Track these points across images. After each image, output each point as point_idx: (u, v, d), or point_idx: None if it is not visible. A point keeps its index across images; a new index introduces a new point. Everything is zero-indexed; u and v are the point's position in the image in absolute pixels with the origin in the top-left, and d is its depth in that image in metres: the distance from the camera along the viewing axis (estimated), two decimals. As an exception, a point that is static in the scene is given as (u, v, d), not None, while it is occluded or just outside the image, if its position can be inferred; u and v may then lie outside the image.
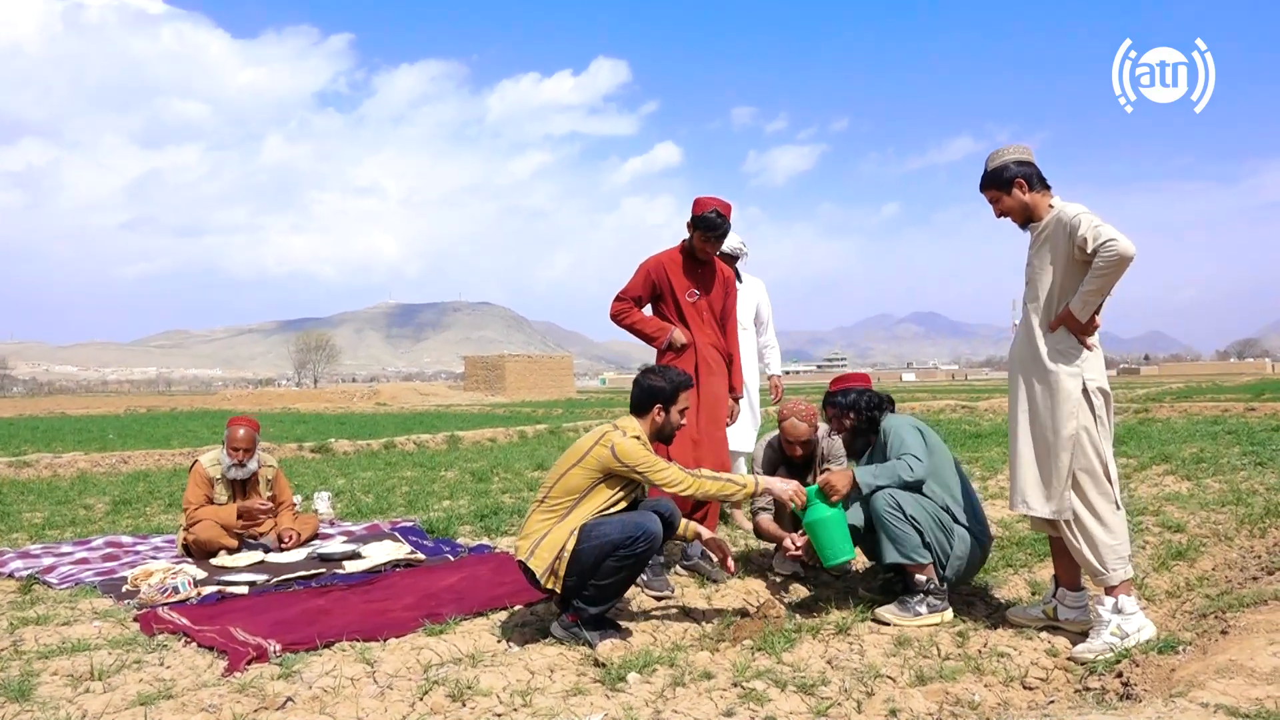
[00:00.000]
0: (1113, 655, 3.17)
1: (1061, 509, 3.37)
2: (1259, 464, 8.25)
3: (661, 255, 4.97)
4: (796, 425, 4.45)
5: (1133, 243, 3.18)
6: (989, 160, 3.59)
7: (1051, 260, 3.41)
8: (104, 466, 11.16)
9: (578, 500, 3.59)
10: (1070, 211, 3.35)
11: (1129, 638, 3.25)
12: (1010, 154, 3.51)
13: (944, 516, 3.91)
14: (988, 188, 3.57)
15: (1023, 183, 3.46)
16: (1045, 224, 3.45)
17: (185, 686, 3.15)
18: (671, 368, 3.93)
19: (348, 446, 13.22)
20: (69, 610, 4.22)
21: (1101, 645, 3.24)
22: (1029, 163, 3.49)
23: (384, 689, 3.10)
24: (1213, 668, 2.60)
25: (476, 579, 4.57)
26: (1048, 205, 3.48)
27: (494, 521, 6.32)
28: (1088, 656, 3.22)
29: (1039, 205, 3.48)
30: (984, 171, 3.58)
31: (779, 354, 6.54)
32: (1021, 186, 3.46)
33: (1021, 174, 3.46)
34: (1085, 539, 3.36)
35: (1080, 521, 3.36)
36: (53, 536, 6.34)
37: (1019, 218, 3.53)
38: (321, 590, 4.48)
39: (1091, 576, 3.42)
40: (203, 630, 3.75)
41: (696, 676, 3.16)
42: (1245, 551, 5.01)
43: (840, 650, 3.48)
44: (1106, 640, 3.25)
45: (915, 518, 3.83)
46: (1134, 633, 3.27)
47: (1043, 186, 3.48)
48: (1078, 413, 3.32)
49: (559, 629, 3.60)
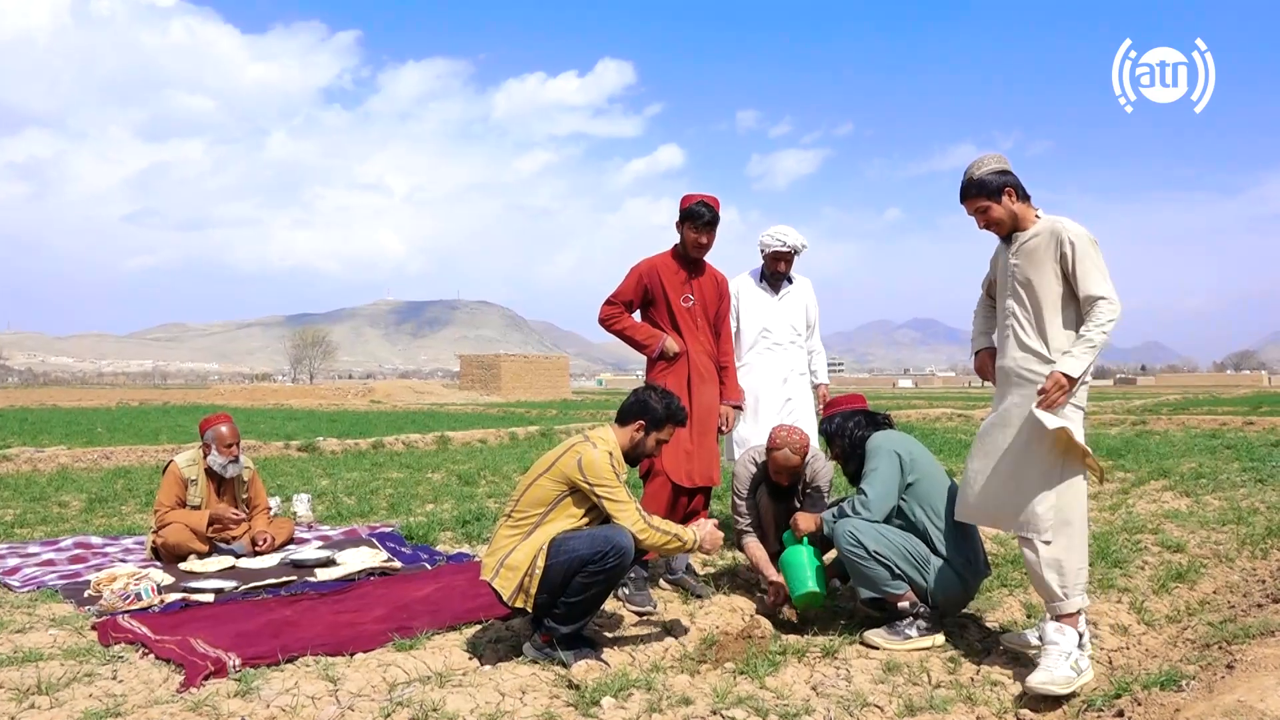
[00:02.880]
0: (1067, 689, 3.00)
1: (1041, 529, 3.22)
2: (1259, 480, 8.11)
3: (654, 259, 4.82)
4: (789, 458, 4.27)
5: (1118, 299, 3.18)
6: (971, 169, 3.43)
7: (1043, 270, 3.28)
8: (85, 462, 10.98)
9: (543, 515, 3.43)
10: (1071, 231, 3.23)
11: (1083, 674, 3.10)
12: (992, 163, 3.39)
13: (917, 548, 3.68)
14: (975, 197, 3.41)
15: (1012, 191, 3.34)
16: (1035, 233, 3.32)
17: (136, 703, 3.00)
18: (676, 398, 3.76)
19: (335, 446, 13.06)
20: (26, 616, 4.06)
21: (1064, 678, 3.03)
22: (1012, 171, 3.38)
23: (345, 709, 2.94)
24: (1220, 709, 2.44)
25: (452, 590, 4.41)
26: (1034, 215, 3.38)
27: (476, 528, 6.16)
28: (1051, 689, 2.99)
29: (1026, 215, 3.37)
30: (967, 181, 3.42)
31: (825, 360, 5.88)
32: (1010, 195, 3.34)
33: (1009, 182, 3.34)
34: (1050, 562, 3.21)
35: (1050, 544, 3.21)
36: (22, 535, 6.17)
37: (1004, 228, 3.41)
38: (290, 599, 4.32)
39: (1048, 601, 3.25)
40: (162, 641, 3.59)
41: (674, 702, 3.00)
42: (1247, 574, 4.86)
43: (826, 675, 3.32)
44: (1066, 673, 3.05)
45: (879, 553, 3.63)
46: (1084, 670, 3.12)
47: (1026, 198, 3.38)
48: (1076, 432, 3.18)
49: (531, 649, 3.43)
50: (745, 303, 5.47)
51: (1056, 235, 3.25)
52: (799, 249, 5.38)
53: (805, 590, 3.86)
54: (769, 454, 4.33)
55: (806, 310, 5.58)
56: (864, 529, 3.68)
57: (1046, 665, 3.07)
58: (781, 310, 5.45)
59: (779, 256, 5.36)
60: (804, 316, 5.55)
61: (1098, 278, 3.18)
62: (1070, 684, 3.02)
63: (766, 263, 5.42)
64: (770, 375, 5.37)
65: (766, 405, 5.31)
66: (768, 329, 5.42)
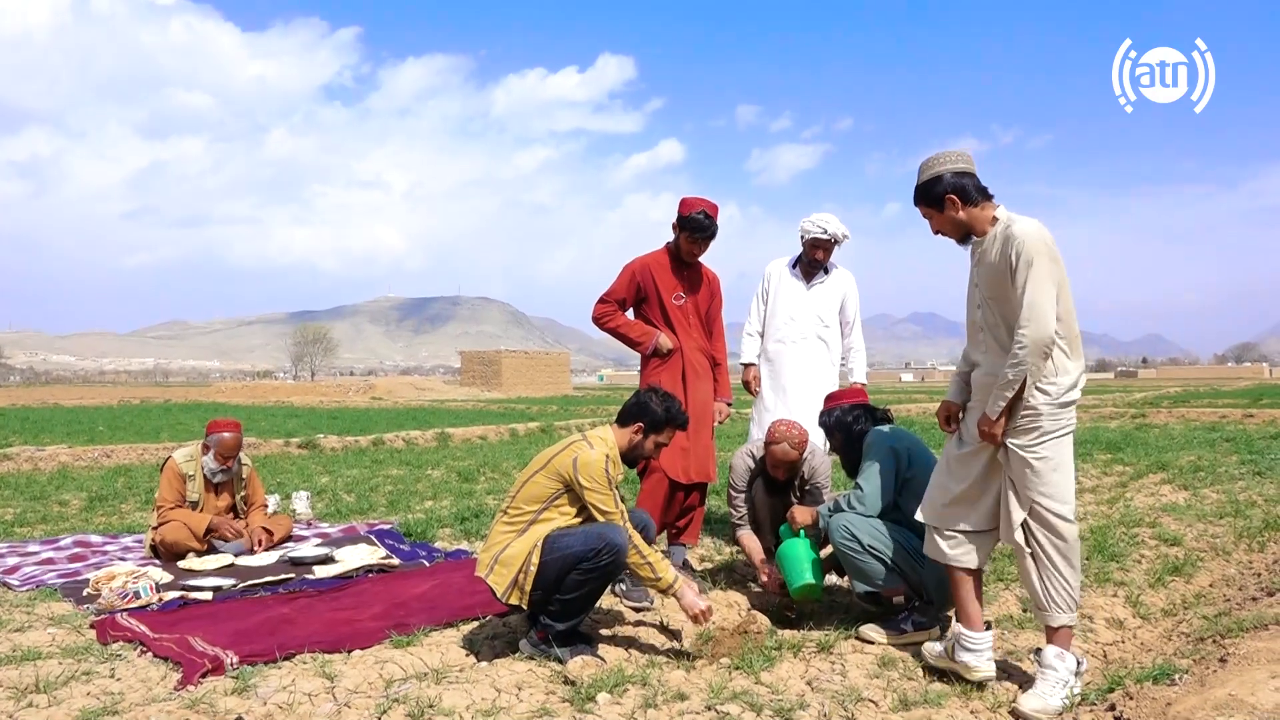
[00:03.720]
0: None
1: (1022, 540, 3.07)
2: (1257, 474, 8.12)
3: (647, 257, 4.82)
4: (788, 452, 4.26)
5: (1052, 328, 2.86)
6: (921, 170, 3.14)
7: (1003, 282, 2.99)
8: (86, 460, 10.99)
9: (538, 512, 3.43)
10: (1019, 240, 2.91)
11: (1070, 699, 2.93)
12: (944, 163, 3.08)
13: (913, 543, 3.65)
14: (918, 203, 3.15)
15: (955, 199, 3.04)
16: (990, 239, 3.02)
17: (133, 701, 3.01)
18: (677, 401, 3.74)
19: (335, 443, 13.07)
20: (25, 615, 4.07)
21: (1056, 707, 2.89)
22: (966, 172, 3.06)
23: (341, 706, 2.95)
24: (1211, 703, 2.45)
25: (449, 587, 4.42)
26: (990, 218, 3.05)
27: (474, 525, 6.17)
28: (1041, 718, 2.87)
29: (979, 221, 3.06)
30: (916, 183, 3.15)
31: (864, 358, 5.52)
32: (954, 203, 3.04)
33: (955, 188, 3.03)
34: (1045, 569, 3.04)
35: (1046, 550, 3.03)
36: (22, 534, 6.19)
37: (956, 235, 3.13)
38: (288, 597, 4.33)
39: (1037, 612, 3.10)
40: (160, 639, 3.60)
41: (669, 697, 3.01)
42: (1244, 567, 4.87)
43: (821, 670, 3.33)
44: (1059, 704, 2.90)
45: (874, 547, 3.64)
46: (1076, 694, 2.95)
47: (983, 198, 3.06)
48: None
49: (528, 646, 3.44)
50: (775, 288, 5.37)
51: (1005, 243, 2.95)
52: (839, 239, 5.19)
53: (802, 583, 3.87)
54: (767, 448, 4.33)
55: (844, 304, 5.38)
56: (860, 524, 3.68)
57: (1041, 691, 2.94)
58: (810, 300, 5.30)
59: (817, 244, 5.18)
60: (836, 309, 5.35)
61: (1028, 299, 2.85)
62: (1056, 712, 2.89)
63: (804, 250, 5.26)
64: (789, 364, 5.27)
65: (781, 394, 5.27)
66: (793, 317, 5.29)
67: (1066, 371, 2.98)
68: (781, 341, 5.30)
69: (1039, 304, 2.85)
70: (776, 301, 5.35)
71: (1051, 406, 2.96)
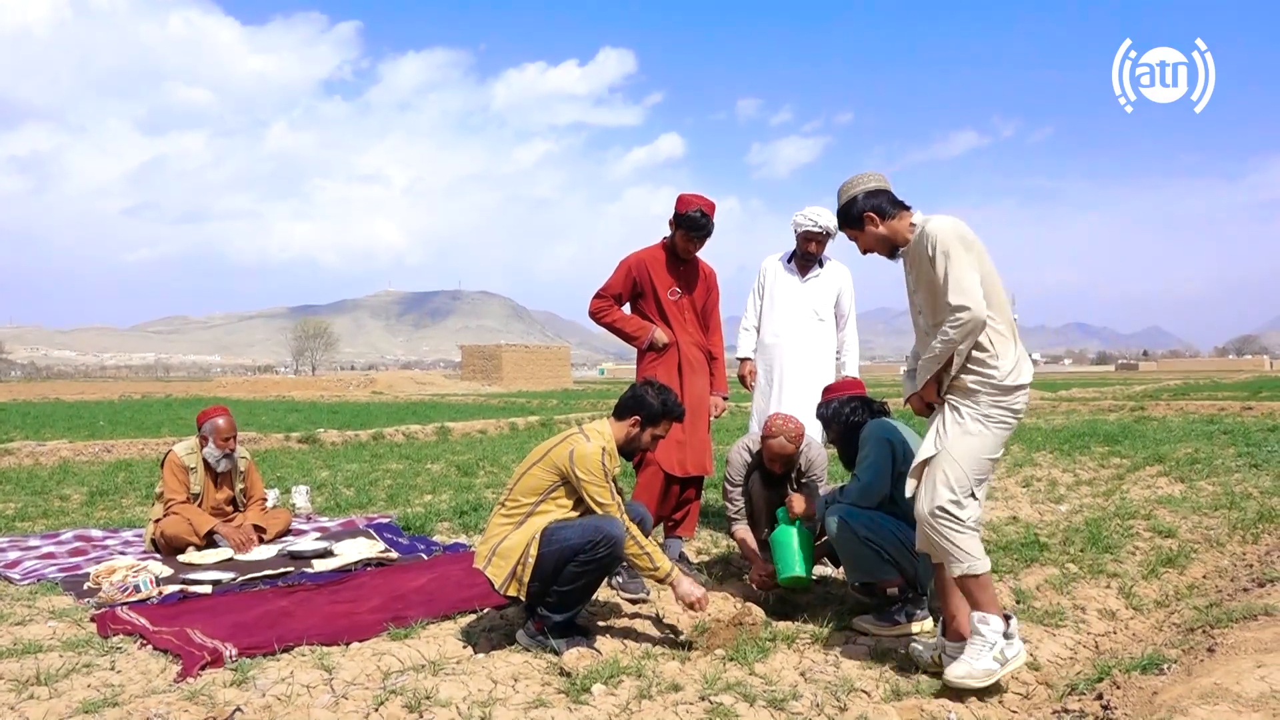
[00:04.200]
0: (987, 682, 2.91)
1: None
2: (1254, 465, 8.15)
3: (643, 252, 4.85)
4: (784, 446, 4.29)
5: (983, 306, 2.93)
6: (839, 195, 3.28)
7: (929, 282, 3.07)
8: (87, 455, 11.04)
9: (535, 504, 3.47)
10: (931, 236, 3.02)
11: (1007, 665, 2.96)
12: (858, 185, 3.23)
13: (908, 534, 3.61)
14: (842, 228, 3.30)
15: (873, 216, 3.17)
16: (912, 244, 3.14)
17: (134, 693, 3.04)
18: (673, 394, 3.77)
19: (336, 437, 13.10)
20: (26, 609, 4.11)
21: (982, 670, 2.92)
22: (878, 191, 3.20)
23: (339, 698, 2.98)
24: (1196, 692, 2.48)
25: (447, 580, 4.45)
26: (909, 226, 3.16)
27: (473, 518, 6.20)
28: (968, 683, 2.91)
29: (899, 231, 3.17)
30: (837, 209, 3.30)
31: (856, 353, 5.52)
32: (873, 220, 3.17)
33: (870, 207, 3.17)
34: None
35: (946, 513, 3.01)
36: (23, 529, 6.22)
37: (883, 250, 3.23)
38: (287, 590, 4.36)
39: (948, 565, 3.06)
40: (160, 632, 3.64)
41: (664, 688, 3.05)
42: (1237, 559, 4.90)
43: (815, 661, 3.36)
44: (988, 665, 2.92)
45: (870, 538, 3.66)
46: (1012, 659, 2.97)
47: (899, 209, 3.18)
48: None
49: (525, 637, 3.48)
50: (770, 283, 5.39)
51: (921, 241, 3.07)
52: (831, 231, 5.17)
53: (791, 574, 3.92)
54: (764, 441, 4.36)
55: (839, 298, 5.40)
56: (855, 515, 3.71)
57: (966, 657, 2.96)
58: (805, 293, 5.31)
59: (809, 237, 5.20)
60: (831, 303, 5.37)
61: (953, 285, 2.95)
62: (991, 676, 2.92)
63: (798, 244, 5.28)
64: (786, 358, 5.28)
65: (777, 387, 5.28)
66: (788, 311, 5.30)
67: (1006, 355, 3.02)
68: (777, 335, 5.32)
69: (961, 281, 2.95)
70: (772, 296, 5.37)
71: (993, 390, 3.01)
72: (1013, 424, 3.08)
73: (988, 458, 3.06)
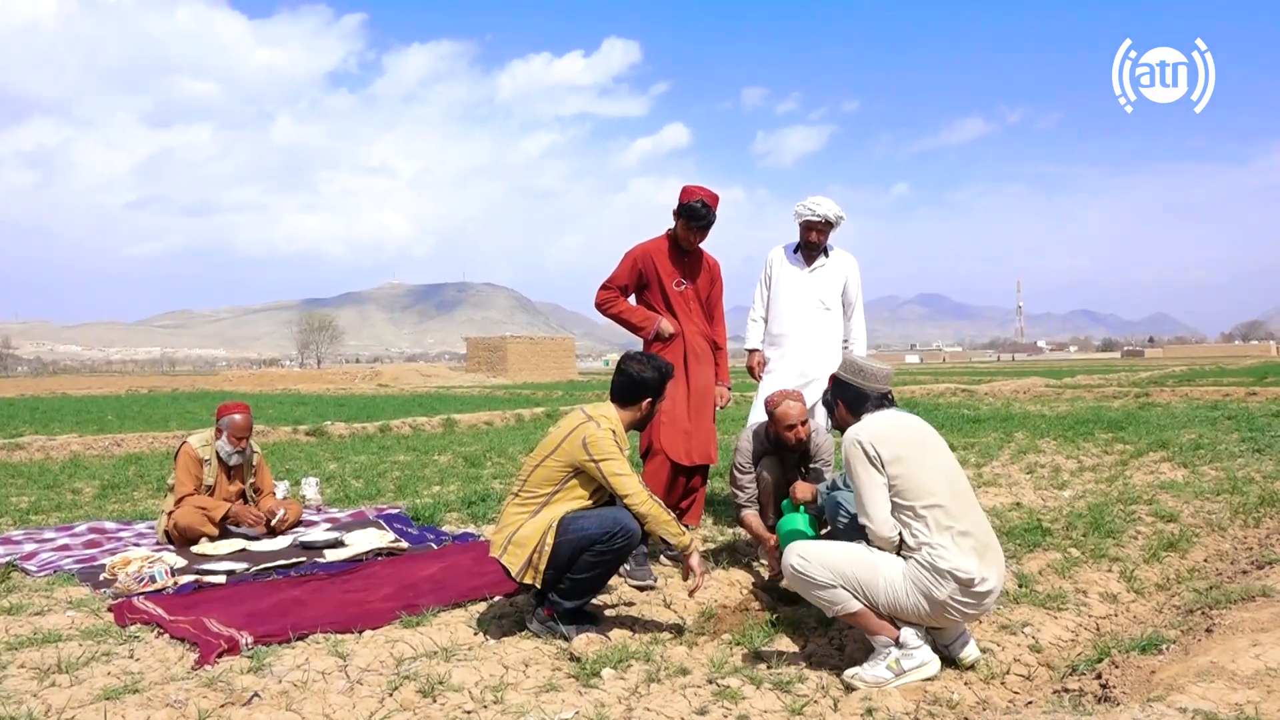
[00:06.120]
0: (876, 688, 2.94)
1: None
2: (1257, 450, 8.18)
3: (648, 244, 4.89)
4: (791, 405, 4.30)
5: (886, 526, 3.09)
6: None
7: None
8: (97, 449, 11.12)
9: (551, 495, 3.53)
10: (844, 448, 3.27)
11: (905, 674, 2.98)
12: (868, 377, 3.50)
13: None
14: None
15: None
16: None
17: (153, 680, 3.10)
18: (656, 355, 3.83)
19: (343, 430, 13.19)
20: (44, 599, 4.17)
21: (873, 677, 2.98)
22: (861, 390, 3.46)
23: (354, 683, 3.04)
24: (1193, 670, 2.54)
25: (457, 569, 4.52)
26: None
27: (481, 509, 6.27)
28: (857, 684, 2.99)
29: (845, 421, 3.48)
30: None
31: (865, 342, 5.50)
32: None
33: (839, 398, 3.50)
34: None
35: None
36: (37, 522, 6.30)
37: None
38: (300, 580, 4.43)
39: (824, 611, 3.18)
40: (176, 621, 3.70)
41: (672, 672, 3.11)
42: (1238, 542, 4.94)
43: (819, 645, 3.42)
44: (881, 673, 2.99)
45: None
46: (911, 669, 3.00)
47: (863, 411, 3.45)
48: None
49: (535, 623, 3.54)
50: (776, 273, 5.40)
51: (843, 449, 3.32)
52: (832, 220, 5.20)
53: None
54: (770, 415, 4.36)
55: (845, 287, 5.40)
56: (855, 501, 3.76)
57: (865, 663, 3.06)
58: (811, 283, 5.31)
59: (810, 226, 5.20)
60: (838, 292, 5.37)
61: (858, 501, 3.22)
62: (882, 683, 2.97)
63: (800, 233, 5.29)
64: (793, 347, 5.29)
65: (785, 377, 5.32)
66: (794, 301, 5.30)
67: (944, 545, 3.03)
68: (784, 326, 5.34)
69: (865, 502, 3.18)
70: (778, 286, 5.38)
71: (920, 565, 3.04)
72: (933, 595, 3.01)
73: (875, 580, 3.08)
